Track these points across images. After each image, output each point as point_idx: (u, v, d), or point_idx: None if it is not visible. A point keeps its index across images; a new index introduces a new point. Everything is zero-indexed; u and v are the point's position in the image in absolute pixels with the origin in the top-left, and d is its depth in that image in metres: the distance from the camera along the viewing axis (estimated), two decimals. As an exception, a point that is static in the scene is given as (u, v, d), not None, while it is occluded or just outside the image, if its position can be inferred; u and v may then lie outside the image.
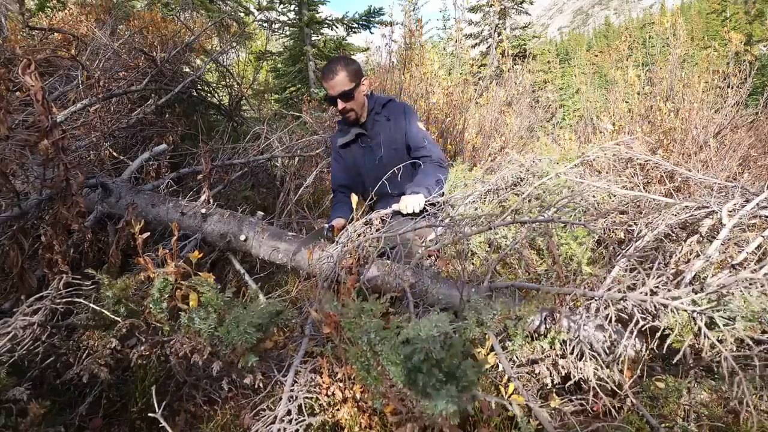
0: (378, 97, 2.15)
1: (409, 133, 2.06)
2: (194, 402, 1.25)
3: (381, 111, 2.10)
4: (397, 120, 2.07)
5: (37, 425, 1.02)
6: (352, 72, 1.95)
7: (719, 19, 30.58)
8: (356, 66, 2.01)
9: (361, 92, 2.02)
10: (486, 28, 17.33)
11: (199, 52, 3.66)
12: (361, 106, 2.07)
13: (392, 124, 2.07)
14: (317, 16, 6.89)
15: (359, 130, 2.13)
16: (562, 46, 38.37)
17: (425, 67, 4.17)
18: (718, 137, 3.38)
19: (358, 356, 0.91)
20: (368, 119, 2.12)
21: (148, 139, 2.70)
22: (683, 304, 1.00)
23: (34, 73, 1.21)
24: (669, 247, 1.42)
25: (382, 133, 2.08)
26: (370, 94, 2.13)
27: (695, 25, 31.95)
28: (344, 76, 1.93)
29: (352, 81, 1.95)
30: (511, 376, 1.02)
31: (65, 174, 1.35)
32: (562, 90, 18.15)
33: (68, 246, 1.50)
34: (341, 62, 1.97)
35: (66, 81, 2.64)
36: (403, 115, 2.08)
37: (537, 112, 6.13)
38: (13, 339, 1.05)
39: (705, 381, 1.14)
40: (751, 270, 1.06)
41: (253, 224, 1.80)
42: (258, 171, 2.91)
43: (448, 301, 1.40)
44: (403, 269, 1.49)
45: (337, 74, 1.93)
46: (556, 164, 2.35)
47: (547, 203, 1.68)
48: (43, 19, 3.87)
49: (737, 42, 3.82)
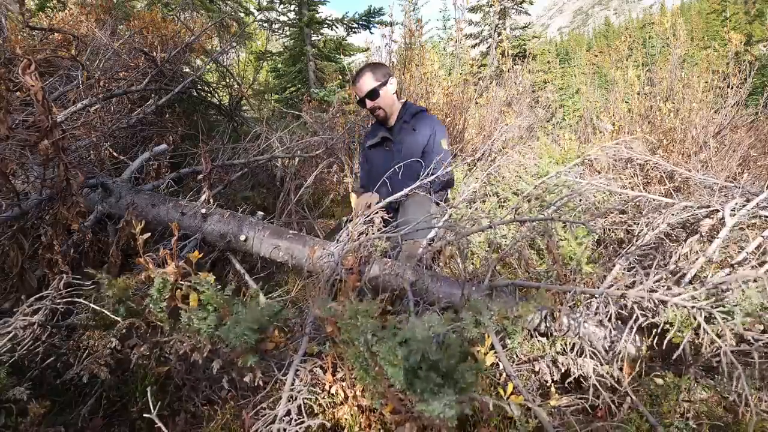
0: (411, 106, 2.20)
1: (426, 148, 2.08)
2: (194, 402, 1.25)
3: (410, 120, 2.14)
4: (422, 132, 2.10)
5: (37, 425, 1.02)
6: (378, 72, 2.08)
7: (719, 19, 30.60)
8: (384, 68, 2.13)
9: (388, 91, 2.11)
10: (486, 28, 17.33)
11: (199, 52, 3.66)
12: (390, 105, 2.13)
13: (416, 134, 2.10)
14: (317, 16, 6.89)
15: (385, 134, 2.19)
16: (562, 46, 38.38)
17: (425, 67, 4.16)
18: (718, 137, 3.37)
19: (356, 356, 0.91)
20: (396, 124, 2.17)
21: (148, 139, 2.70)
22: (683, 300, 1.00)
23: (34, 73, 1.21)
24: (669, 247, 1.42)
25: (404, 142, 2.11)
26: (405, 102, 2.21)
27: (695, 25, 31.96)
28: (370, 76, 2.06)
29: (378, 80, 2.07)
30: (510, 374, 1.02)
31: (65, 174, 1.35)
32: (562, 90, 18.13)
33: (68, 246, 1.50)
34: (368, 66, 2.13)
35: (66, 81, 2.64)
36: (429, 129, 2.10)
37: (537, 112, 6.13)
38: (13, 339, 1.06)
39: (704, 380, 1.14)
40: (751, 267, 1.06)
41: (253, 224, 1.80)
42: (258, 171, 2.91)
43: (448, 299, 1.40)
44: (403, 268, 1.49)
45: (363, 76, 2.07)
46: (555, 164, 2.35)
47: (547, 202, 1.68)
48: (43, 19, 3.87)
49: (737, 42, 3.81)
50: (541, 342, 1.25)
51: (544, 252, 1.78)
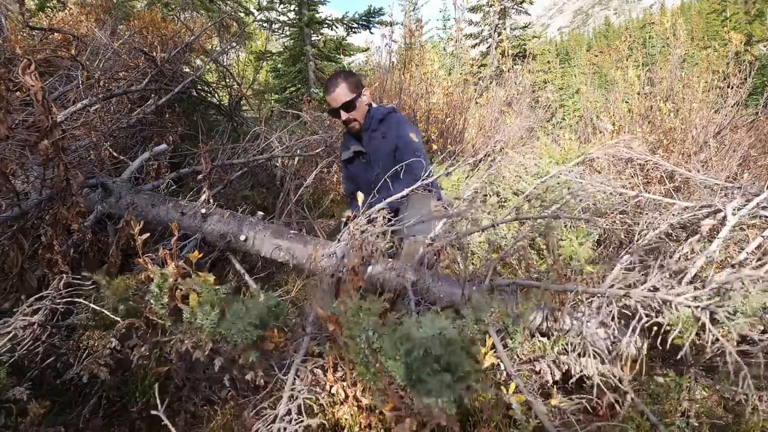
0: (376, 111, 2.11)
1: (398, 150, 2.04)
2: (194, 402, 1.25)
3: (378, 127, 2.08)
4: (389, 137, 2.06)
5: (37, 425, 1.02)
6: (352, 83, 2.01)
7: (719, 19, 30.63)
8: (356, 78, 2.06)
9: (363, 102, 2.06)
10: (486, 28, 17.33)
11: (199, 52, 3.66)
12: (363, 115, 2.08)
13: (386, 141, 2.06)
14: (317, 16, 6.89)
15: (357, 147, 2.14)
16: (562, 46, 38.38)
17: (425, 67, 4.16)
18: (718, 137, 3.37)
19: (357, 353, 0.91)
20: (364, 135, 2.11)
21: (148, 139, 2.70)
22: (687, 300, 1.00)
23: (34, 73, 1.21)
24: (670, 247, 1.42)
25: (378, 151, 2.08)
26: (370, 108, 2.11)
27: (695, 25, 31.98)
28: (345, 87, 1.99)
29: (353, 92, 2.00)
30: (511, 374, 1.02)
31: (65, 174, 1.35)
32: (562, 90, 18.14)
33: (68, 246, 1.50)
34: (341, 75, 2.05)
35: (66, 81, 2.64)
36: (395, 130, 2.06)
37: (537, 112, 6.13)
38: (13, 339, 1.05)
39: (704, 380, 1.14)
40: (753, 267, 1.06)
41: (253, 224, 1.80)
42: (258, 171, 2.91)
43: (449, 299, 1.40)
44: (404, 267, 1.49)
45: (338, 86, 1.99)
46: (555, 164, 2.35)
47: (548, 202, 1.68)
48: (43, 19, 3.87)
49: (737, 42, 3.81)
50: (542, 342, 1.25)
51: (545, 252, 1.78)
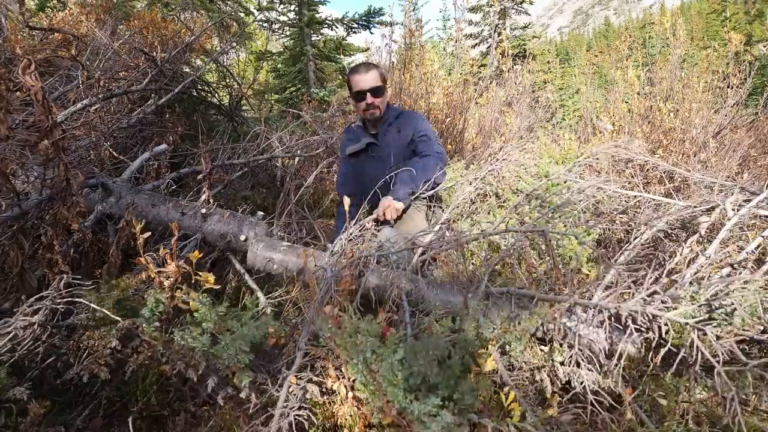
0: (393, 108, 2.20)
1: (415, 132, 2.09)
2: (194, 402, 1.25)
3: (393, 122, 2.14)
4: (406, 129, 2.11)
5: (37, 425, 1.02)
6: (382, 74, 2.11)
7: (719, 19, 30.60)
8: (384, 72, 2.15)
9: (386, 95, 2.14)
10: (486, 28, 17.33)
11: (199, 52, 3.66)
12: (384, 107, 2.14)
13: (401, 135, 2.11)
14: (317, 16, 6.89)
15: (370, 140, 2.14)
16: (562, 46, 38.37)
17: (425, 67, 4.16)
18: (718, 137, 3.37)
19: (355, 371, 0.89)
20: (381, 128, 2.14)
21: (148, 139, 2.70)
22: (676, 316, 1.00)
23: (34, 73, 1.21)
24: (669, 247, 1.42)
25: (393, 145, 2.10)
26: (388, 105, 2.20)
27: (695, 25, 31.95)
28: (377, 73, 2.07)
29: (383, 81, 2.09)
30: (510, 386, 1.01)
31: (65, 174, 1.35)
32: (562, 90, 18.15)
33: (68, 246, 1.50)
34: (373, 64, 2.14)
35: (66, 81, 2.64)
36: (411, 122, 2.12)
37: (537, 112, 6.12)
38: (14, 339, 1.06)
39: (703, 380, 1.14)
40: (750, 270, 1.06)
41: (253, 224, 1.80)
42: (258, 171, 2.91)
43: (446, 307, 1.37)
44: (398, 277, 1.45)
45: (372, 70, 2.06)
46: (555, 164, 2.35)
47: (547, 203, 1.68)
48: (43, 19, 3.87)
49: (737, 42, 3.81)
50: (541, 350, 1.24)
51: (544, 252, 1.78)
